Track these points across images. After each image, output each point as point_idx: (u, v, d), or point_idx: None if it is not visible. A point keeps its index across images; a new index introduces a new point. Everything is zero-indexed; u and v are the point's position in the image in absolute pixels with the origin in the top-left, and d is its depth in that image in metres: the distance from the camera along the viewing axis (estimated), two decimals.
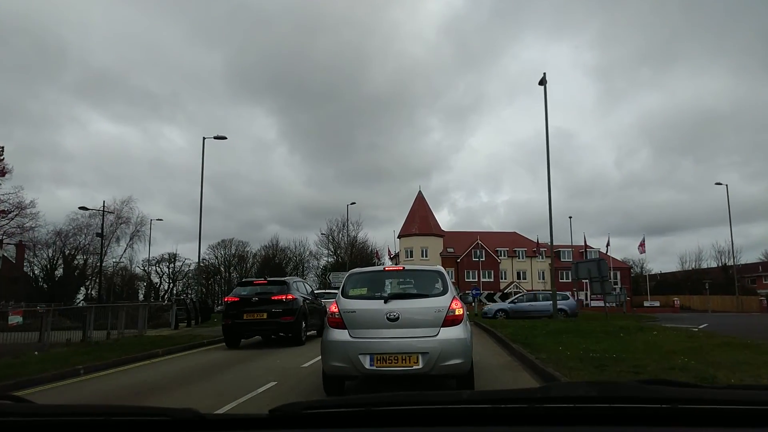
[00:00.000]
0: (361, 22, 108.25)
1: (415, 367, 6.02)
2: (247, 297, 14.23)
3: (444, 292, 6.63)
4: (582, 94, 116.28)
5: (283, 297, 13.86)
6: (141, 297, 53.48)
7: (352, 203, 53.19)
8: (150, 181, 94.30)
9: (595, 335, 13.74)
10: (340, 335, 6.37)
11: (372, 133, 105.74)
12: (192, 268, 69.97)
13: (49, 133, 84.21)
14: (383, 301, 6.45)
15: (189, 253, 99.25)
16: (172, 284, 68.31)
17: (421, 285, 7.08)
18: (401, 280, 7.62)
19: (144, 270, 65.80)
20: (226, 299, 15.73)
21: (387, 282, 7.33)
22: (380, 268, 7.68)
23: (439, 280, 6.87)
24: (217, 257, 73.38)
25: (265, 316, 13.66)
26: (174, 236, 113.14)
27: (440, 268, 7.36)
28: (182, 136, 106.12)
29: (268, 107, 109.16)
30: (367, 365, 6.08)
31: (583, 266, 25.49)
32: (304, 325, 14.13)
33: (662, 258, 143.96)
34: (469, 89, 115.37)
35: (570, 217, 59.48)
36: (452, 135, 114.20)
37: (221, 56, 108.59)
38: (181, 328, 21.98)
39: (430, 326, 6.24)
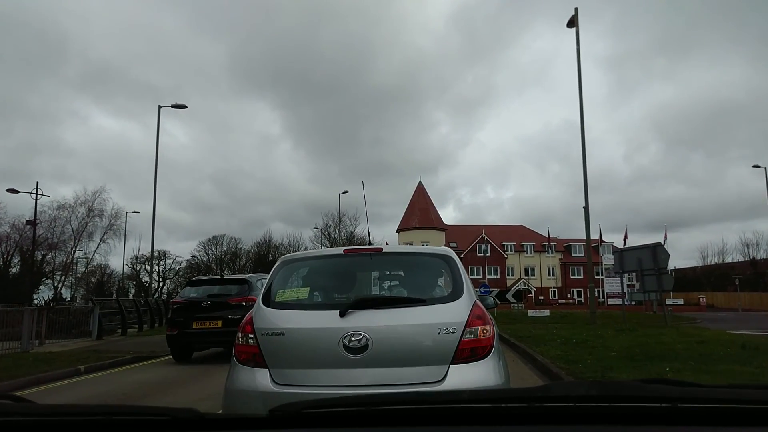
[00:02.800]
0: (368, 13, 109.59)
1: None
2: (198, 300, 12.05)
3: (456, 294, 3.96)
4: (593, 85, 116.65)
5: (243, 300, 11.75)
6: (131, 297, 53.45)
7: (344, 191, 52.48)
8: (152, 177, 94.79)
9: (719, 362, 8.79)
10: (256, 379, 3.73)
11: (377, 127, 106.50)
12: (183, 266, 70.49)
13: (49, 128, 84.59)
14: (338, 312, 3.75)
15: (183, 251, 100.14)
16: (161, 283, 68.72)
17: (414, 281, 4.50)
18: (378, 273, 4.98)
19: (133, 268, 65.99)
20: (171, 302, 13.47)
21: (351, 277, 4.61)
22: (338, 250, 4.67)
23: (446, 273, 4.23)
24: (208, 254, 73.77)
25: (220, 324, 11.53)
26: (176, 234, 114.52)
27: (448, 250, 4.49)
28: (186, 133, 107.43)
29: (272, 101, 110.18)
30: None
31: (630, 255, 19.94)
32: None
33: (671, 253, 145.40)
34: (477, 81, 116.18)
35: (585, 207, 59.43)
36: (459, 129, 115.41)
37: (225, 48, 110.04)
38: (108, 338, 18.26)
39: (429, 362, 3.67)
